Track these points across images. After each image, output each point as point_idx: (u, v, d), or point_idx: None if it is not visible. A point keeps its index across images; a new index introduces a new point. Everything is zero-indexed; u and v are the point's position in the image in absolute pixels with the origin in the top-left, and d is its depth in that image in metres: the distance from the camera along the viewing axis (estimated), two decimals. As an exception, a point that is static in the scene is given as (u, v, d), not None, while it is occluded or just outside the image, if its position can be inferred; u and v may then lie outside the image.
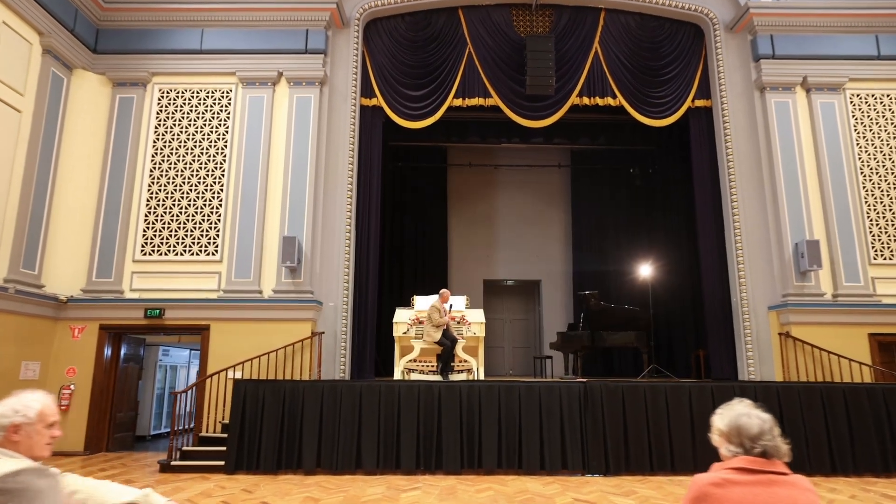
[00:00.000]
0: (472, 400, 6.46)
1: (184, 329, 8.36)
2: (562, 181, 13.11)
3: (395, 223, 12.45)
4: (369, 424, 6.41)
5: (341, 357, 8.50)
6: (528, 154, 12.88)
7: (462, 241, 12.87)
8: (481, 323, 7.89)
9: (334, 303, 8.64)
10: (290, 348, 8.05)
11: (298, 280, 8.43)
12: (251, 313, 8.27)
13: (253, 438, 6.40)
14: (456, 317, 8.02)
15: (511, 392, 6.49)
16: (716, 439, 1.75)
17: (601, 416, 6.42)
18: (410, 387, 6.53)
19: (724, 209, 9.14)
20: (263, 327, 8.22)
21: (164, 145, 8.93)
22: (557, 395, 6.49)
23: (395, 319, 7.91)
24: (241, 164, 8.81)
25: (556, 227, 12.96)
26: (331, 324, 8.54)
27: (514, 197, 13.06)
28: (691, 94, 9.64)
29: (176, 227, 8.68)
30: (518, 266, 12.84)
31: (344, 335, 8.57)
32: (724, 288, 8.99)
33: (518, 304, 13.41)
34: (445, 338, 7.42)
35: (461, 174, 13.02)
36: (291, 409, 6.49)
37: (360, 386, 6.54)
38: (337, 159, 9.12)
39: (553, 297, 12.70)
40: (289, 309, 8.27)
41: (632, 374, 11.30)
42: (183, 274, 8.55)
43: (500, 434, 6.38)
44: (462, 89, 9.61)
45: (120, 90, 9.00)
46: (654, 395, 6.50)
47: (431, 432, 6.38)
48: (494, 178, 13.15)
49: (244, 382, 6.62)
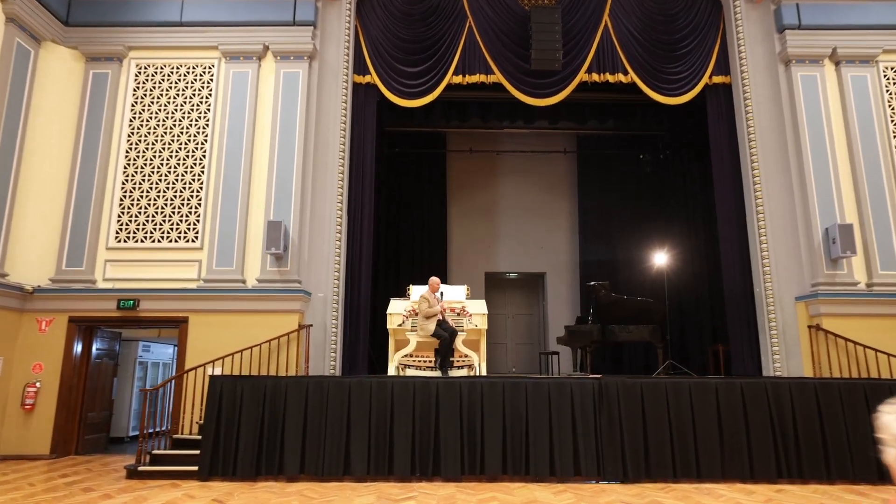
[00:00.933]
0: (474, 398, 5.79)
1: (160, 321, 7.70)
2: (567, 168, 12.43)
3: (392, 212, 11.80)
4: (359, 425, 5.75)
5: (331, 352, 7.83)
6: (531, 140, 12.21)
7: (462, 232, 12.20)
8: (483, 314, 7.23)
9: (324, 293, 7.98)
10: (276, 342, 7.39)
11: (285, 269, 7.77)
12: (233, 304, 7.62)
13: (229, 441, 5.75)
14: (456, 308, 7.36)
15: (517, 389, 5.82)
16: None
17: (618, 416, 5.75)
18: (405, 383, 5.86)
19: (746, 193, 8.46)
20: (247, 320, 7.56)
21: (142, 124, 8.28)
22: (569, 392, 5.82)
23: (390, 311, 7.25)
24: (224, 144, 8.16)
25: (561, 217, 12.29)
26: (320, 316, 7.88)
27: (517, 185, 12.39)
28: (708, 70, 8.96)
29: (153, 212, 8.02)
30: (521, 258, 12.17)
31: (334, 328, 7.92)
32: (747, 278, 8.31)
33: (521, 299, 12.75)
34: (443, 329, 6.76)
35: (461, 161, 12.35)
36: (272, 409, 5.83)
37: (349, 382, 5.88)
38: (327, 140, 8.45)
39: (558, 290, 12.03)
40: (274, 300, 7.62)
41: (643, 370, 10.63)
42: (160, 262, 7.89)
43: (505, 436, 5.71)
44: (462, 65, 8.95)
45: (93, 65, 8.35)
46: (676, 392, 5.83)
47: (428, 434, 5.72)
48: (496, 166, 12.47)
49: (220, 379, 5.96)
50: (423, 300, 6.97)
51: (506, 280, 12.73)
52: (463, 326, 7.17)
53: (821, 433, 5.67)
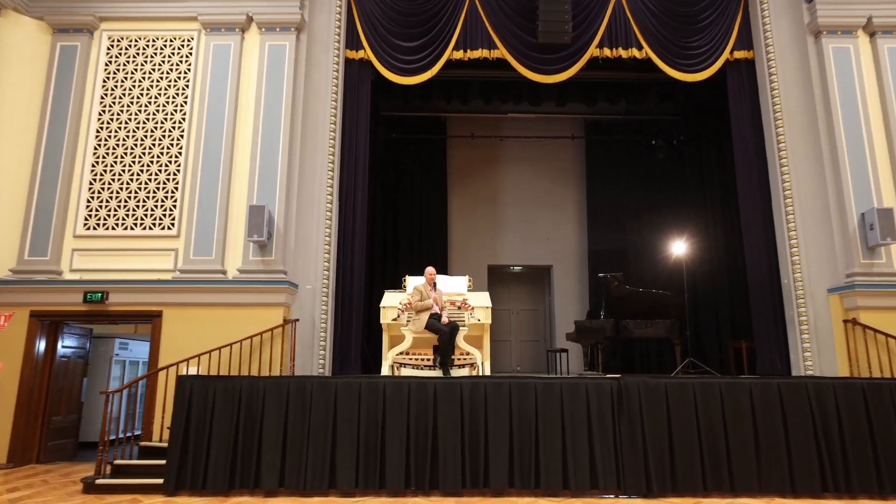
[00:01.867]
0: (477, 401, 5.11)
1: (131, 316, 7.02)
2: (575, 155, 11.74)
3: (389, 201, 11.12)
4: (347, 432, 5.08)
5: (320, 349, 7.16)
6: (537, 125, 11.51)
7: (464, 223, 11.52)
8: (486, 308, 6.55)
9: (312, 285, 7.31)
10: (258, 339, 6.72)
11: (269, 258, 7.10)
12: (212, 297, 6.94)
13: (199, 450, 5.08)
14: (456, 301, 6.68)
15: (525, 391, 5.14)
16: None
17: (640, 421, 5.07)
18: (399, 384, 5.19)
19: (772, 177, 7.78)
20: (227, 314, 6.89)
21: (114, 102, 7.60)
22: (583, 394, 5.14)
23: (383, 304, 6.57)
24: (204, 123, 7.47)
25: (568, 207, 11.60)
26: (308, 310, 7.21)
27: (521, 173, 11.70)
28: (729, 45, 8.26)
29: (126, 196, 7.35)
30: (526, 250, 11.49)
31: (324, 324, 7.24)
32: (773, 268, 7.63)
33: (526, 293, 12.06)
34: (441, 323, 6.09)
35: (463, 148, 11.66)
36: (249, 413, 5.15)
37: (336, 383, 5.20)
38: (316, 119, 7.77)
39: (565, 284, 11.35)
40: (257, 292, 6.94)
41: (656, 369, 9.97)
42: (133, 252, 7.22)
43: (512, 444, 5.04)
44: (463, 40, 8.26)
45: (61, 37, 7.66)
46: (705, 394, 5.15)
47: (425, 442, 5.04)
48: (499, 153, 11.78)
49: (190, 379, 5.29)
50: (416, 292, 6.30)
51: (510, 274, 12.06)
52: (464, 321, 6.50)
53: (871, 441, 4.99)
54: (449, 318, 6.32)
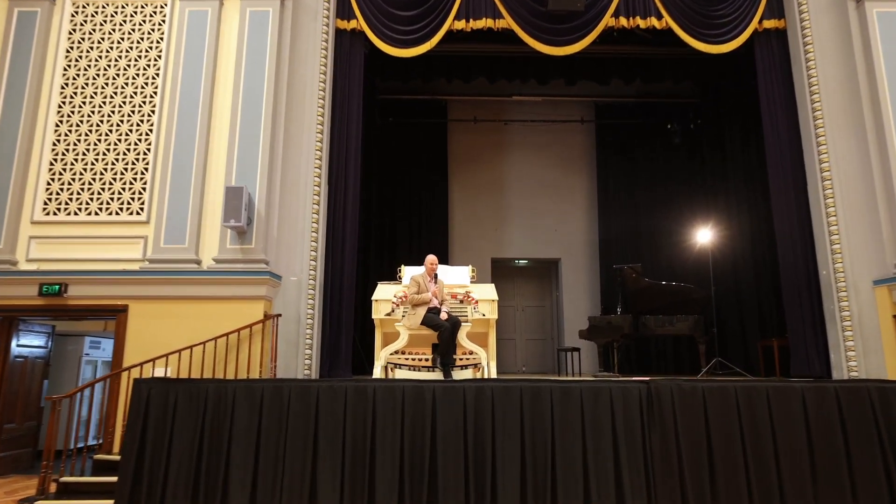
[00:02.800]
0: (483, 407, 4.36)
1: (92, 311, 6.27)
2: (584, 140, 10.98)
3: (385, 189, 10.37)
4: (330, 444, 4.33)
5: (306, 348, 6.42)
6: (544, 109, 10.76)
7: (466, 213, 10.77)
8: (492, 301, 5.80)
9: (297, 277, 6.57)
10: (236, 336, 5.97)
11: (248, 246, 6.35)
12: (184, 290, 6.20)
13: (157, 464, 4.33)
14: (458, 293, 5.93)
15: (539, 396, 4.39)
16: None
17: (673, 430, 4.32)
18: (391, 388, 4.43)
19: (808, 158, 7.02)
20: (201, 308, 6.16)
21: (78, 74, 6.86)
22: (607, 400, 4.39)
23: (376, 296, 5.82)
24: (178, 98, 6.73)
25: (577, 196, 10.85)
26: (292, 305, 6.47)
27: (527, 160, 10.95)
28: (758, 13, 7.50)
29: (91, 178, 6.61)
30: (532, 242, 10.74)
31: (310, 319, 6.50)
32: (809, 258, 6.87)
33: (532, 288, 11.31)
34: (436, 316, 5.35)
35: (465, 133, 10.91)
36: (215, 423, 4.41)
37: (318, 388, 4.45)
38: (303, 94, 7.03)
39: (575, 278, 10.60)
40: (235, 284, 6.20)
41: (675, 370, 9.22)
42: (98, 240, 6.48)
43: (524, 457, 4.29)
44: (465, 8, 7.50)
45: (19, 3, 6.92)
46: (749, 399, 4.39)
47: (422, 454, 4.30)
48: (504, 139, 11.03)
49: (147, 383, 4.54)
50: (413, 283, 5.56)
51: (515, 268, 11.31)
52: (467, 316, 5.75)
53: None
54: (449, 312, 5.57)
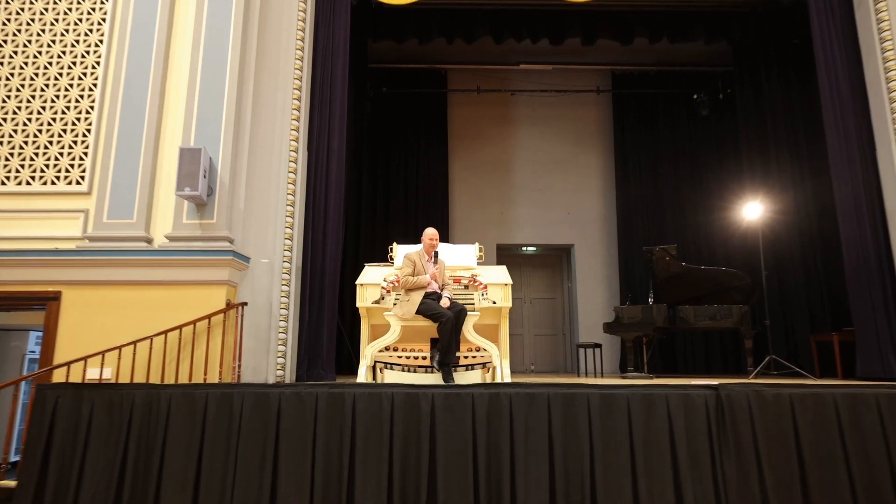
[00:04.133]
0: (498, 423, 3.29)
1: (18, 299, 5.18)
2: (600, 114, 9.89)
3: (379, 166, 9.30)
4: (294, 469, 3.26)
5: (279, 344, 5.34)
6: (554, 79, 9.66)
7: (468, 194, 9.68)
8: (505, 285, 4.71)
9: (269, 259, 5.48)
10: (191, 330, 4.89)
11: (209, 221, 5.27)
12: (130, 273, 5.12)
13: (63, 493, 3.25)
14: (463, 277, 4.85)
15: (573, 407, 3.31)
16: None
17: (753, 453, 3.24)
18: (376, 397, 3.36)
19: (877, 120, 5.92)
20: (150, 296, 5.08)
21: (10, 18, 5.75)
22: (663, 412, 3.32)
23: (362, 280, 4.73)
24: (127, 47, 5.63)
25: (592, 175, 9.75)
26: (263, 291, 5.39)
27: (536, 136, 9.86)
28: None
29: (22, 141, 5.51)
30: (543, 226, 9.65)
31: (284, 309, 5.42)
32: (879, 238, 5.78)
33: (542, 278, 10.23)
34: (436, 303, 4.27)
35: (467, 106, 9.82)
36: (143, 441, 3.34)
37: (279, 396, 3.38)
38: (277, 48, 5.92)
39: (590, 266, 9.51)
40: (191, 265, 5.11)
41: (704, 369, 8.15)
42: (30, 214, 5.40)
43: (554, 487, 3.22)
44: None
45: (-61, -67, 5.81)
46: (854, 411, 3.32)
47: (416, 484, 3.23)
48: (510, 112, 9.94)
49: (54, 389, 3.48)
50: (408, 263, 4.48)
51: (522, 256, 10.22)
52: (474, 304, 4.67)
53: None
54: (452, 299, 4.49)
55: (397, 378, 4.40)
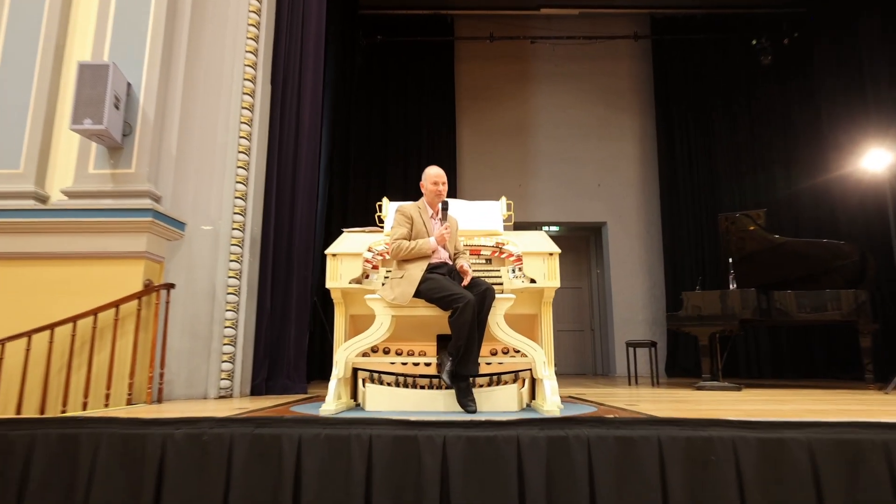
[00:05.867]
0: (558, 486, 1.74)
1: None
2: (637, 67, 8.33)
3: (372, 125, 7.79)
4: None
5: (226, 343, 3.82)
6: (581, 26, 8.10)
7: (479, 164, 8.16)
8: (549, 255, 3.14)
9: (213, 225, 3.96)
10: (90, 322, 3.37)
11: (125, 170, 3.74)
12: (18, 243, 3.62)
13: None
14: (483, 246, 3.31)
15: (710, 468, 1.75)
16: None
17: None
18: (341, 444, 1.81)
19: None
20: (48, 274, 3.57)
21: None
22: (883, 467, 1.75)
23: (334, 248, 3.17)
24: (23, -64, 4.10)
25: (628, 140, 8.21)
26: (204, 269, 3.88)
27: (560, 95, 8.32)
28: None
29: None
30: (568, 203, 8.11)
31: (233, 295, 3.91)
32: None
33: (566, 263, 8.69)
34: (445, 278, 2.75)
35: (477, 60, 8.28)
36: None
37: (162, 440, 1.83)
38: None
39: (626, 248, 7.97)
40: (97, 232, 3.60)
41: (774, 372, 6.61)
42: None
43: None
44: None
45: None
46: None
47: None
48: (529, 67, 8.39)
49: None
50: (401, 219, 2.96)
51: (542, 237, 8.68)
52: (503, 285, 3.13)
53: None
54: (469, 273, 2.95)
55: (386, 400, 2.87)
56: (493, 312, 2.84)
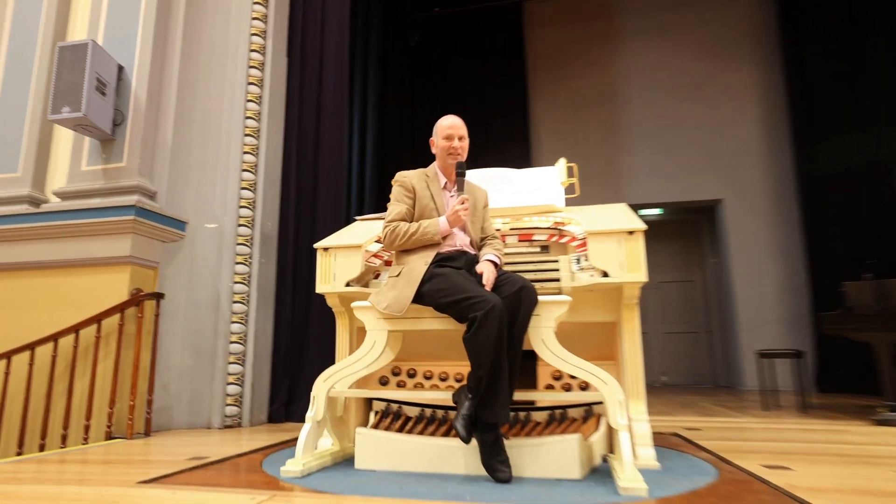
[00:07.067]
0: None
1: None
2: (751, 8, 6.75)
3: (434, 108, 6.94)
4: None
5: (232, 362, 3.18)
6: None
7: (557, 141, 7.05)
8: (629, 233, 2.10)
9: (217, 223, 3.36)
10: (71, 340, 2.88)
11: (116, 165, 3.24)
12: (16, 252, 3.25)
13: None
14: (536, 230, 2.34)
15: None
16: None
17: None
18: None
19: None
20: (42, 285, 3.16)
21: None
22: None
23: (328, 242, 2.37)
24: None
25: (747, 97, 6.65)
26: (206, 275, 3.28)
27: (654, 53, 6.97)
28: None
29: None
30: (670, 179, 6.74)
31: (242, 304, 3.27)
32: None
33: (672, 252, 7.31)
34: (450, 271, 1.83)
35: (550, 25, 7.21)
36: None
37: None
38: None
39: (751, 230, 6.43)
40: (88, 235, 3.12)
41: None
42: None
43: None
44: None
45: None
46: None
47: None
48: (613, 26, 7.15)
49: None
50: (401, 192, 2.11)
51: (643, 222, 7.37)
52: (561, 282, 2.13)
53: None
54: (502, 265, 2.02)
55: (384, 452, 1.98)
56: (535, 323, 1.87)
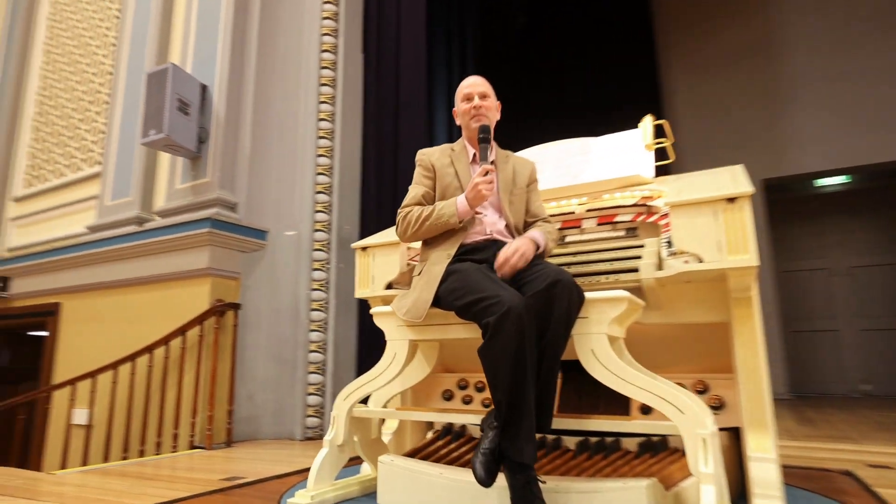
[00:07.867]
0: None
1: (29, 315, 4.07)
2: None
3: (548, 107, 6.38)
4: None
5: (310, 371, 3.07)
6: None
7: (700, 110, 6.02)
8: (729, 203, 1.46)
9: (295, 230, 3.29)
10: (163, 352, 3.00)
11: (202, 181, 3.36)
12: (121, 269, 3.55)
13: None
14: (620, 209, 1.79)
15: None
16: None
17: None
18: None
19: None
20: (144, 300, 3.40)
21: None
22: None
23: (366, 241, 2.06)
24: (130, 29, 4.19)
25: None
26: (286, 281, 3.23)
27: (819, -18, 5.61)
28: None
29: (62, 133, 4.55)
30: (855, 139, 5.32)
31: (320, 310, 3.15)
32: None
33: (865, 230, 5.80)
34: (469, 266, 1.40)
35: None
36: None
37: None
38: None
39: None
40: (178, 249, 3.25)
41: None
42: (60, 210, 4.37)
43: None
44: None
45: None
46: None
47: None
48: (762, -42, 5.90)
49: None
50: (422, 172, 1.69)
51: (817, 195, 5.98)
52: (640, 272, 1.56)
53: None
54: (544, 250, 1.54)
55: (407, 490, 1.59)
56: (582, 328, 1.35)
